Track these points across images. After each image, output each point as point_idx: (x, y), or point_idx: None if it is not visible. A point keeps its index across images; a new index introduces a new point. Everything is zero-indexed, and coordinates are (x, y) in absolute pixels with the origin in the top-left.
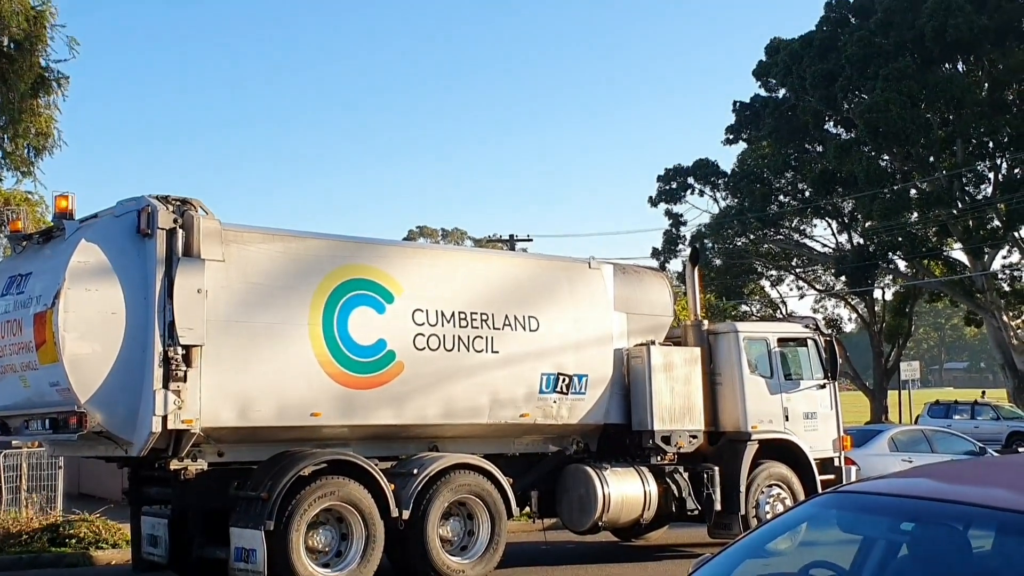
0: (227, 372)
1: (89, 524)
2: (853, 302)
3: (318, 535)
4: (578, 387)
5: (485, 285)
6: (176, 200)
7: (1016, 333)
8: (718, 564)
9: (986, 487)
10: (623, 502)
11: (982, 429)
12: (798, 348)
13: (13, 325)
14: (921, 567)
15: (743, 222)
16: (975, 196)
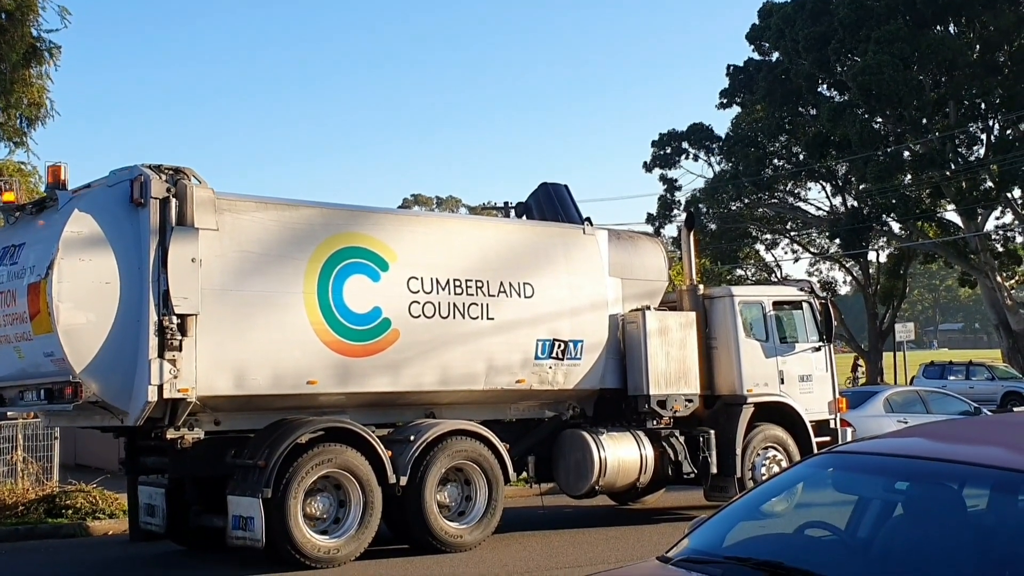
0: (222, 341)
1: (86, 495)
2: (848, 265)
3: (316, 502)
4: (573, 353)
5: (480, 252)
6: (169, 169)
7: (1010, 293)
8: (714, 526)
9: (980, 446)
10: (619, 466)
11: (977, 389)
12: (793, 311)
13: (7, 296)
14: (916, 526)
15: (737, 186)
16: (968, 158)
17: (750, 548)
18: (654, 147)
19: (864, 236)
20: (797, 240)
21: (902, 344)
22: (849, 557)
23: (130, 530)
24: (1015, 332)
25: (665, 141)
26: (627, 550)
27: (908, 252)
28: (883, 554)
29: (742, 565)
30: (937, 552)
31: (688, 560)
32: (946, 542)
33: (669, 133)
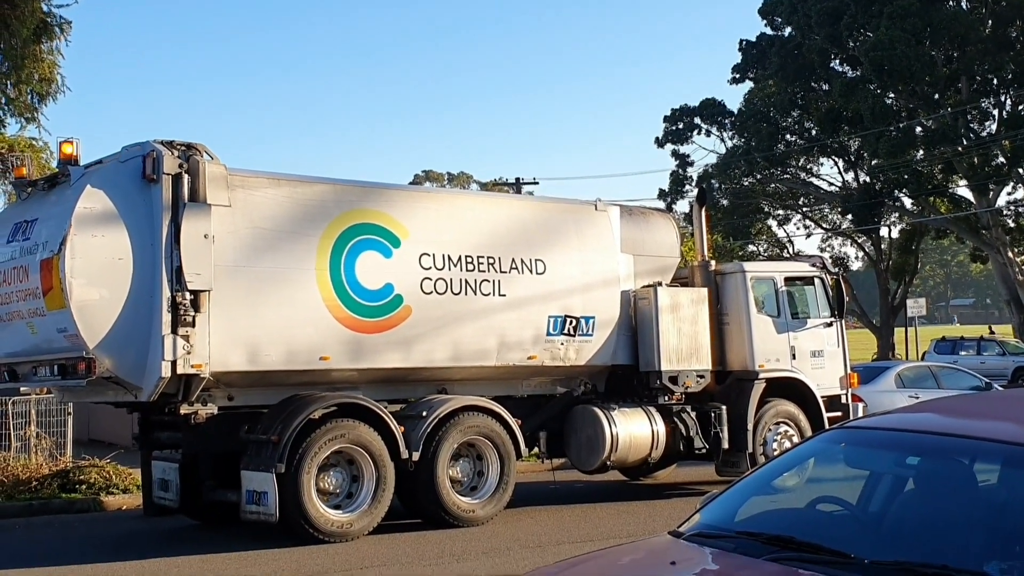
0: (236, 317)
1: (99, 470)
2: (860, 240)
3: (329, 477)
4: (585, 329)
5: (492, 229)
6: (181, 145)
7: (1021, 269)
8: (725, 501)
9: (991, 421)
10: (631, 442)
11: (988, 365)
12: (805, 287)
13: (19, 272)
14: (927, 501)
15: (750, 161)
16: (980, 133)
17: (761, 523)
18: (666, 122)
19: (876, 212)
20: (809, 216)
21: (914, 319)
22: (860, 532)
23: (144, 505)
24: None
25: (677, 116)
26: (638, 525)
27: (920, 228)
28: (894, 529)
29: (753, 540)
30: (948, 527)
31: (700, 535)
32: (957, 517)
33: (681, 108)
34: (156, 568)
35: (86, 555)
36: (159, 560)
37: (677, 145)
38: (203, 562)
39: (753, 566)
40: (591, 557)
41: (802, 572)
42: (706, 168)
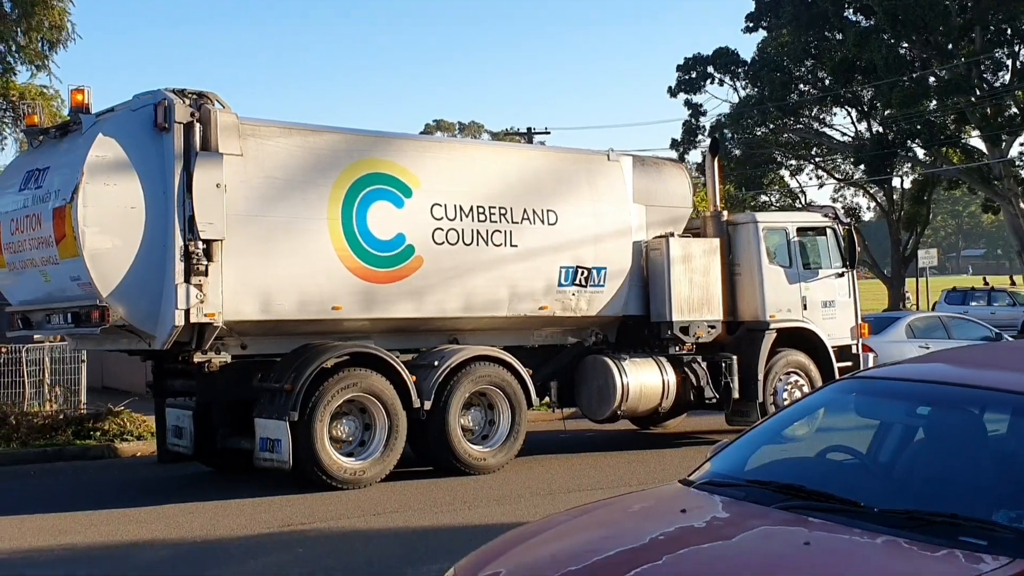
0: (248, 266)
1: (113, 417)
2: (872, 191)
3: (342, 425)
4: (597, 280)
5: (503, 179)
6: (193, 94)
7: None
8: (736, 450)
9: (1002, 371)
10: (641, 391)
11: (999, 315)
12: (817, 237)
13: (32, 220)
14: (937, 450)
15: (763, 111)
16: (993, 84)
17: (772, 471)
18: (679, 72)
19: (889, 162)
20: (822, 166)
21: (924, 270)
22: (870, 481)
23: (158, 452)
24: None
25: (690, 66)
26: (648, 473)
27: (932, 178)
28: (904, 478)
29: (764, 488)
30: (957, 476)
31: (710, 483)
32: (967, 466)
33: (694, 57)
34: (170, 513)
35: (101, 501)
36: (173, 506)
37: (690, 95)
38: (216, 508)
39: (763, 514)
40: (602, 504)
41: (812, 520)
42: (719, 118)
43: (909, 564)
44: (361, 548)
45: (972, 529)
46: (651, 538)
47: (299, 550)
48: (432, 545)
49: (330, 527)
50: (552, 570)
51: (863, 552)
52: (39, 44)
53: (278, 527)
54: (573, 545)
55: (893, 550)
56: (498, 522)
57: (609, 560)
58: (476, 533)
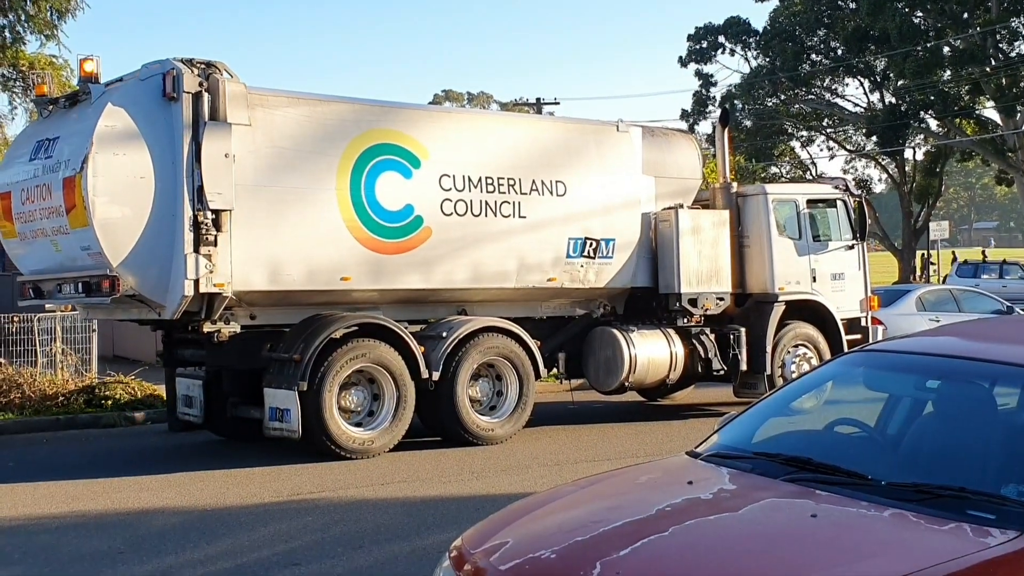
0: (257, 237)
1: (124, 386)
2: (884, 162)
3: (350, 395)
4: (605, 251)
5: (512, 149)
6: (201, 63)
7: None
8: (743, 422)
9: (1013, 345)
10: (649, 363)
11: (1010, 288)
12: (827, 209)
13: (43, 189)
14: (946, 424)
15: (774, 82)
16: (1009, 54)
17: (779, 444)
18: (690, 41)
19: (901, 133)
20: (833, 137)
21: (936, 242)
22: (878, 454)
23: (168, 420)
24: None
25: (701, 35)
26: (655, 445)
27: (945, 150)
28: (912, 451)
29: (771, 460)
30: (966, 450)
31: (717, 455)
32: (976, 440)
33: (706, 27)
34: (181, 481)
35: (112, 469)
36: (183, 474)
37: (701, 65)
38: (226, 476)
39: (770, 486)
40: (609, 475)
41: (819, 493)
42: (730, 88)
43: (916, 537)
44: (369, 517)
45: (980, 503)
46: (658, 509)
47: (308, 518)
48: (440, 514)
49: (339, 496)
50: (559, 540)
51: (870, 525)
52: (48, 13)
53: (287, 496)
54: (580, 516)
55: (900, 523)
56: (505, 492)
57: (616, 531)
58: (483, 503)
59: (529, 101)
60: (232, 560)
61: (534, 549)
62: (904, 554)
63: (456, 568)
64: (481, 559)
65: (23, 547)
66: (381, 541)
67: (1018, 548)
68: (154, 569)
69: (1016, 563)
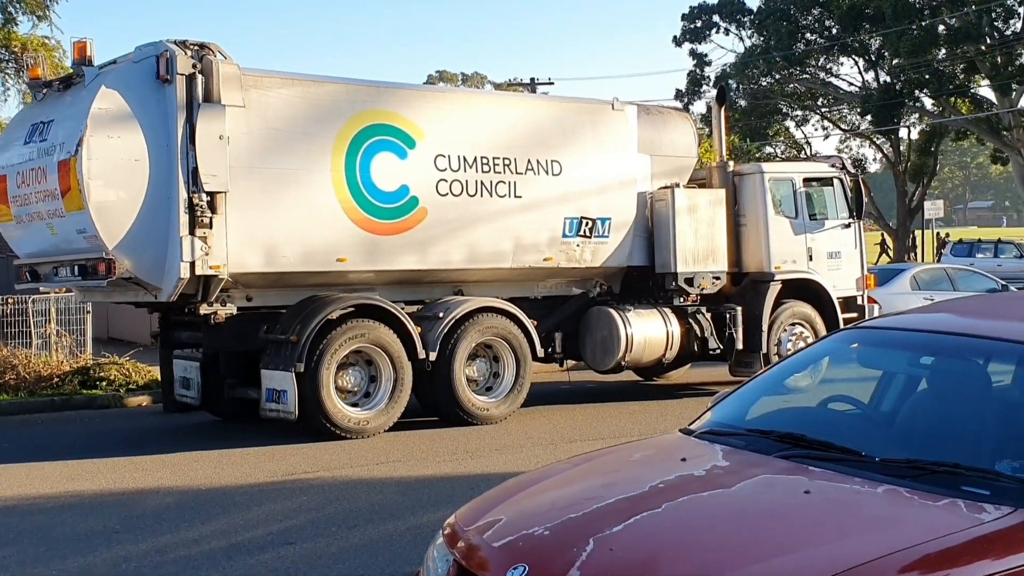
0: (252, 218)
1: (119, 367)
2: (878, 141)
3: (347, 376)
4: (601, 230)
5: (507, 129)
6: (194, 45)
7: None
8: (737, 399)
9: (1007, 321)
10: (645, 342)
11: (1005, 267)
12: (823, 188)
13: (38, 173)
14: (940, 400)
15: (768, 61)
16: (1004, 32)
17: (773, 421)
18: (684, 21)
19: (896, 112)
20: (828, 116)
21: (931, 222)
22: (872, 430)
23: (164, 402)
24: None
25: (696, 14)
26: (650, 424)
27: (940, 129)
28: (906, 428)
29: (764, 437)
30: (960, 426)
31: (711, 432)
32: (970, 416)
33: (700, 6)
34: (175, 461)
35: (107, 449)
36: (178, 454)
37: (695, 44)
38: (221, 456)
39: (763, 463)
40: (603, 453)
41: (813, 469)
42: (724, 68)
43: (910, 513)
44: (364, 496)
45: (975, 479)
46: (651, 486)
47: (303, 498)
48: (434, 493)
49: (333, 476)
50: (552, 517)
51: (864, 501)
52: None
53: (282, 476)
54: (573, 493)
55: (894, 499)
56: (500, 471)
57: (609, 507)
58: (478, 481)
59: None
60: (227, 539)
61: (527, 526)
62: (898, 530)
63: (450, 545)
64: (475, 536)
65: (19, 527)
66: (376, 520)
67: (1013, 523)
68: (149, 548)
69: (1011, 538)
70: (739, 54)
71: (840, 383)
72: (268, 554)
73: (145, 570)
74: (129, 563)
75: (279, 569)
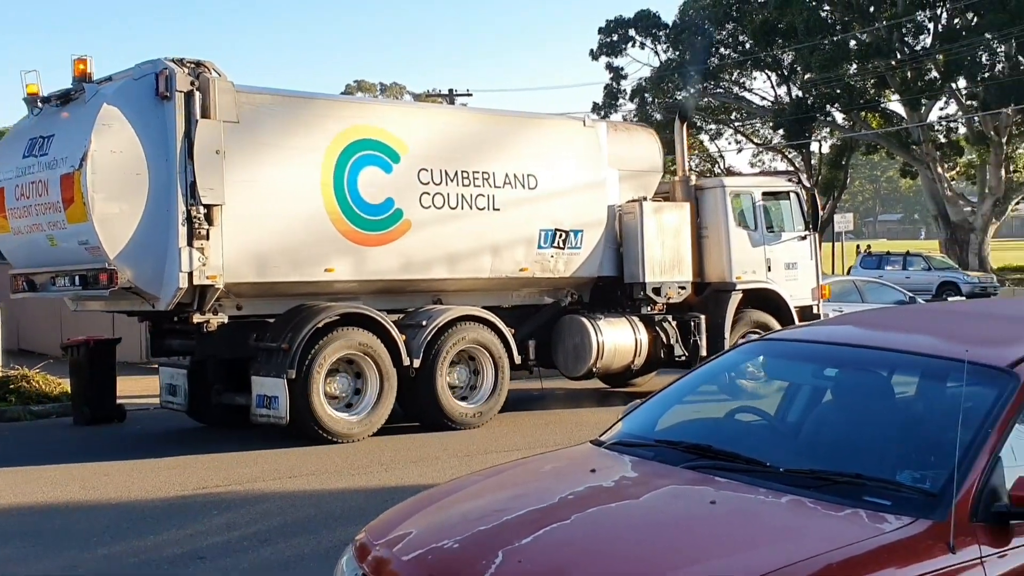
0: (246, 230)
1: (29, 379)
2: (790, 155)
3: (335, 382)
4: (574, 242)
5: (486, 145)
6: (191, 63)
7: (950, 184)
8: (647, 410)
9: (910, 334)
10: (615, 350)
11: (913, 280)
12: (780, 201)
13: (39, 186)
14: (844, 412)
15: (683, 75)
16: (914, 47)
17: (681, 432)
18: (601, 34)
19: (807, 126)
20: (741, 131)
21: (841, 235)
22: (777, 441)
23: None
24: (953, 223)
25: (612, 28)
26: (575, 435)
27: (850, 143)
28: (811, 438)
29: (672, 448)
30: (864, 437)
31: (620, 443)
32: (873, 427)
33: (616, 20)
34: (87, 474)
35: (16, 462)
36: (90, 467)
37: (611, 58)
38: (133, 469)
39: (671, 474)
40: (515, 465)
41: (719, 480)
42: (640, 81)
43: (813, 523)
44: (276, 510)
45: (876, 489)
46: (561, 498)
47: (214, 512)
48: (347, 507)
49: (246, 489)
50: (462, 530)
51: (768, 511)
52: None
53: (193, 490)
54: (484, 505)
55: (798, 509)
56: (414, 484)
57: (519, 519)
58: (392, 494)
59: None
60: (136, 555)
61: (437, 539)
62: (801, 540)
63: (359, 559)
64: (383, 550)
65: None
66: (288, 534)
67: (913, 533)
68: (55, 566)
69: (911, 548)
70: (655, 68)
71: (748, 394)
72: (179, 570)
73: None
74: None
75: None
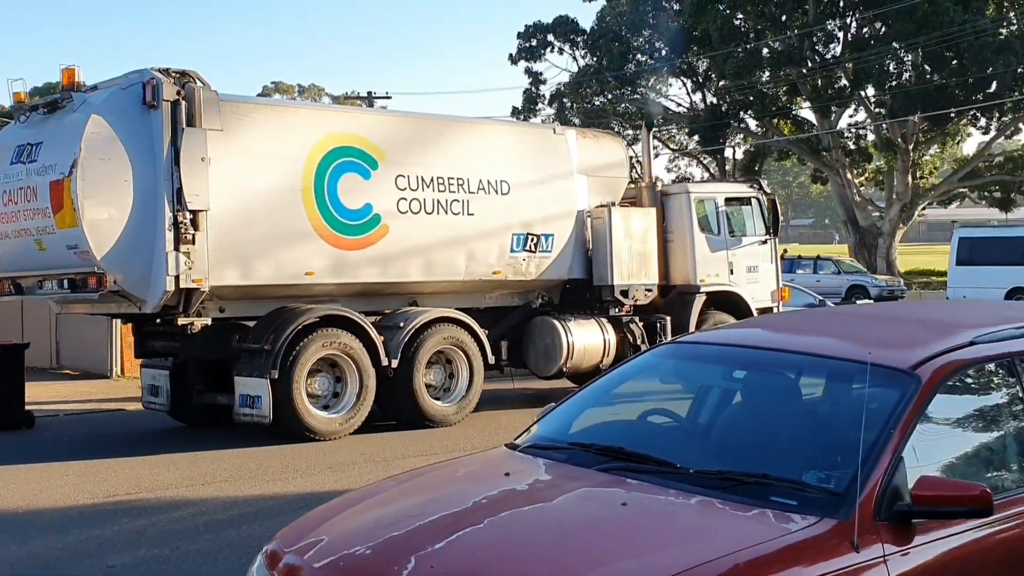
0: (230, 235)
1: None
2: (705, 161)
3: (316, 382)
4: (545, 246)
5: (461, 152)
6: (176, 72)
7: (859, 190)
8: (561, 413)
9: (817, 337)
10: (585, 350)
11: (823, 283)
12: (742, 207)
13: (27, 192)
14: (753, 413)
15: (601, 81)
16: (824, 55)
17: (594, 435)
18: (520, 39)
19: (722, 133)
20: (657, 136)
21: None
22: (687, 443)
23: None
24: (862, 228)
25: (531, 33)
26: (488, 438)
27: (763, 149)
28: (720, 440)
29: (586, 451)
30: (771, 438)
31: (535, 446)
32: (781, 429)
33: (535, 25)
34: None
35: None
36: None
37: (530, 63)
38: (41, 476)
39: (583, 476)
40: (430, 469)
41: (630, 481)
42: (559, 87)
43: (721, 523)
44: (188, 517)
45: (783, 489)
46: (475, 502)
47: (124, 520)
48: (259, 512)
49: (156, 497)
50: (375, 536)
51: (678, 512)
52: None
53: (103, 497)
54: (397, 510)
55: (707, 510)
56: (328, 489)
57: (432, 524)
58: (306, 500)
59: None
60: (44, 566)
61: (349, 546)
62: (710, 540)
63: (269, 568)
64: (294, 557)
65: None
66: (199, 541)
67: (818, 532)
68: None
69: (816, 547)
70: (573, 73)
71: (659, 396)
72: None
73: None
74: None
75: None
